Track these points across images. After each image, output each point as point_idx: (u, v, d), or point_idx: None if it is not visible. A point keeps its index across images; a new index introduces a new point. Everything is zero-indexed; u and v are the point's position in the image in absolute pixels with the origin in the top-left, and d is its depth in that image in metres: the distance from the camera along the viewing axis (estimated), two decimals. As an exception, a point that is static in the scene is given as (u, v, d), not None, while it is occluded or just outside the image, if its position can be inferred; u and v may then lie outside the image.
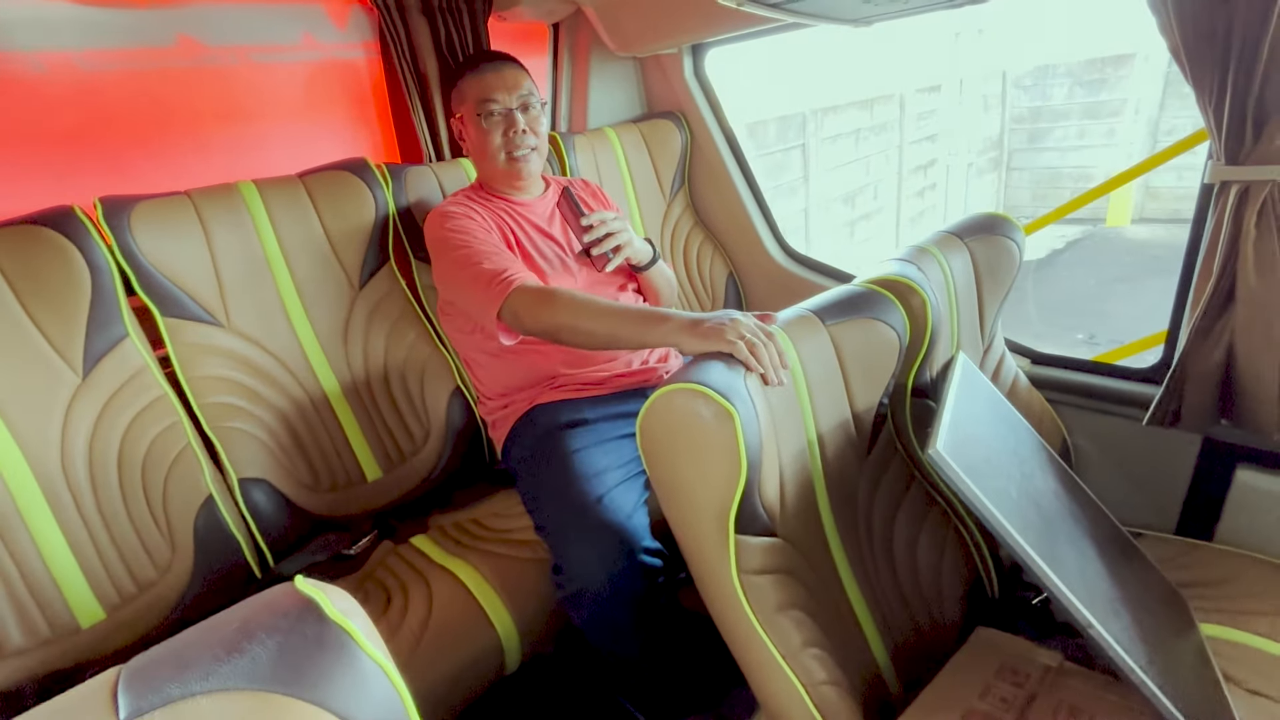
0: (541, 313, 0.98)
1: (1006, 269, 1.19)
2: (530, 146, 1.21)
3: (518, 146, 1.20)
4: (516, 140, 1.19)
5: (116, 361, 1.03)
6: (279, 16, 1.36)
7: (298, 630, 0.43)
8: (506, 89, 1.18)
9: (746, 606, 0.77)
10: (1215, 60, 0.91)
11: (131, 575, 1.01)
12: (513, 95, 1.18)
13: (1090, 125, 8.67)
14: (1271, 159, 0.92)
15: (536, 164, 1.24)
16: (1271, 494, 1.12)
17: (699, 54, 1.73)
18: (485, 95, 1.18)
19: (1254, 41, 0.87)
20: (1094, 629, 0.74)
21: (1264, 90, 0.89)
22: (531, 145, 1.21)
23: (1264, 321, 0.97)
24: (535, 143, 1.22)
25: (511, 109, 1.19)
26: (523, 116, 1.19)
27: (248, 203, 1.17)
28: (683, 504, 0.79)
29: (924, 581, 0.97)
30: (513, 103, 1.19)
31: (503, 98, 1.18)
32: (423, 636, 0.96)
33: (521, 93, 1.19)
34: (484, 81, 1.18)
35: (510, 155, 1.20)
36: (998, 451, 0.93)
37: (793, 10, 0.99)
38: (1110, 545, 1.00)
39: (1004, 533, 0.75)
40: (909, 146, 7.89)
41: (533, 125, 1.21)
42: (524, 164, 1.21)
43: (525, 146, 1.20)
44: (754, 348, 0.79)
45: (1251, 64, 0.88)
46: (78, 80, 1.17)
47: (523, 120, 1.19)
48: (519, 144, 1.19)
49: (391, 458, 1.28)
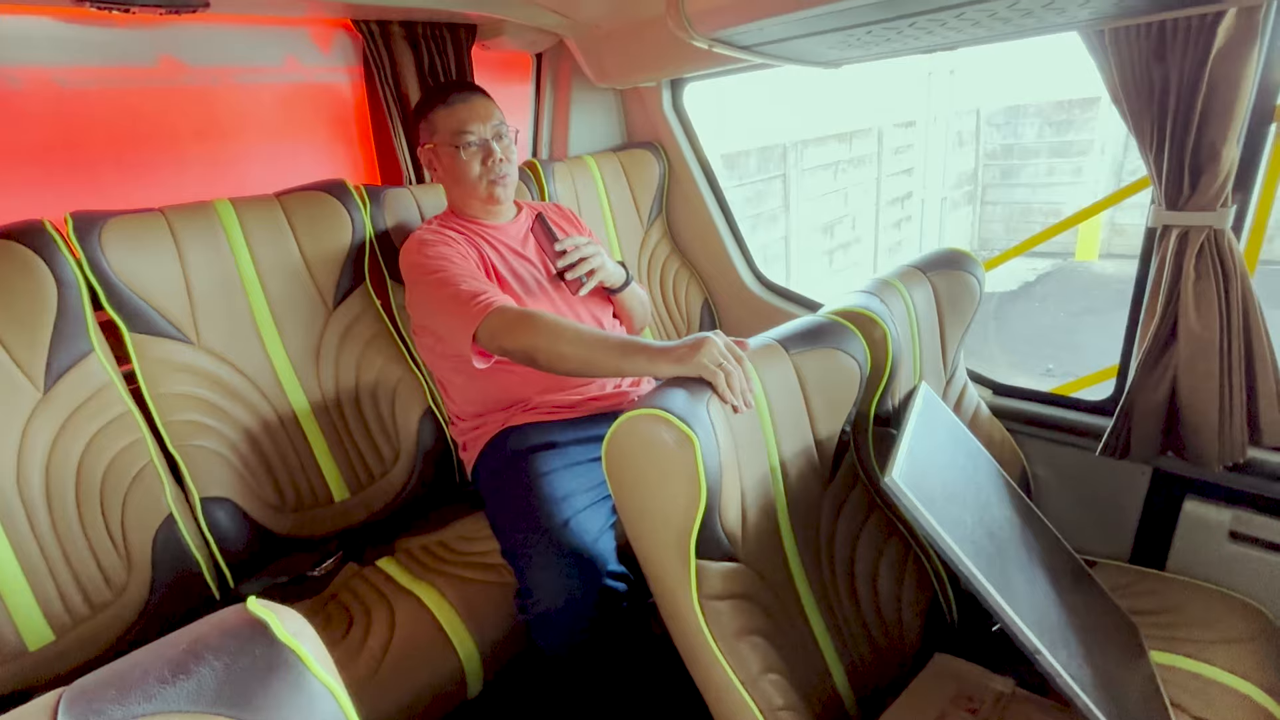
0: (519, 335, 0.99)
1: (967, 303, 1.23)
2: (507, 173, 1.25)
3: (498, 172, 1.23)
4: (496, 169, 1.22)
5: (79, 377, 1.02)
6: (263, 39, 1.38)
7: (246, 651, 0.43)
8: (480, 120, 1.22)
9: (706, 631, 0.78)
10: (1153, 111, 0.97)
11: (84, 596, 0.99)
12: (487, 125, 1.22)
13: (1059, 163, 9.01)
14: (1207, 206, 0.97)
15: (511, 190, 1.28)
16: (1217, 524, 1.16)
17: (677, 87, 1.78)
18: (461, 127, 1.21)
19: (1188, 96, 0.93)
20: (1042, 656, 0.76)
21: (1199, 142, 0.95)
22: (508, 172, 1.25)
23: (1203, 359, 1.02)
24: (510, 170, 1.26)
25: (487, 139, 1.22)
26: (498, 145, 1.23)
27: (223, 221, 1.18)
28: (645, 528, 0.80)
29: (884, 607, 0.99)
30: (487, 133, 1.22)
31: (478, 128, 1.21)
32: (383, 660, 0.94)
33: (494, 123, 1.23)
34: (457, 114, 1.21)
35: (492, 181, 1.24)
36: (955, 480, 0.96)
37: (763, 53, 1.04)
38: (1064, 573, 1.03)
39: (956, 560, 0.77)
40: (886, 179, 8.12)
41: (507, 153, 1.25)
42: (501, 189, 1.25)
43: (503, 173, 1.24)
44: (729, 376, 0.81)
45: (1187, 117, 0.94)
46: (54, 96, 1.17)
47: (499, 149, 1.23)
48: (499, 172, 1.23)
49: (360, 478, 1.28)
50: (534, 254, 1.29)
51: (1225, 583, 1.15)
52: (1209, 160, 0.95)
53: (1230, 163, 0.95)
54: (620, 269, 1.31)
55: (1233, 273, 0.99)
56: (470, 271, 1.13)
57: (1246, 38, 0.89)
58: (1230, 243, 0.99)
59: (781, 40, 0.95)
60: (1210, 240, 0.99)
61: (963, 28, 0.86)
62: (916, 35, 0.90)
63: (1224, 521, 1.15)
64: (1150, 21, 0.92)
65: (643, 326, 1.44)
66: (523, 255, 1.27)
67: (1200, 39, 0.89)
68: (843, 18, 0.80)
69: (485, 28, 1.54)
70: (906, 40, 0.93)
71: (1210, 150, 0.95)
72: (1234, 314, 1.00)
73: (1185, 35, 0.90)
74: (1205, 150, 0.95)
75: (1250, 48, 0.89)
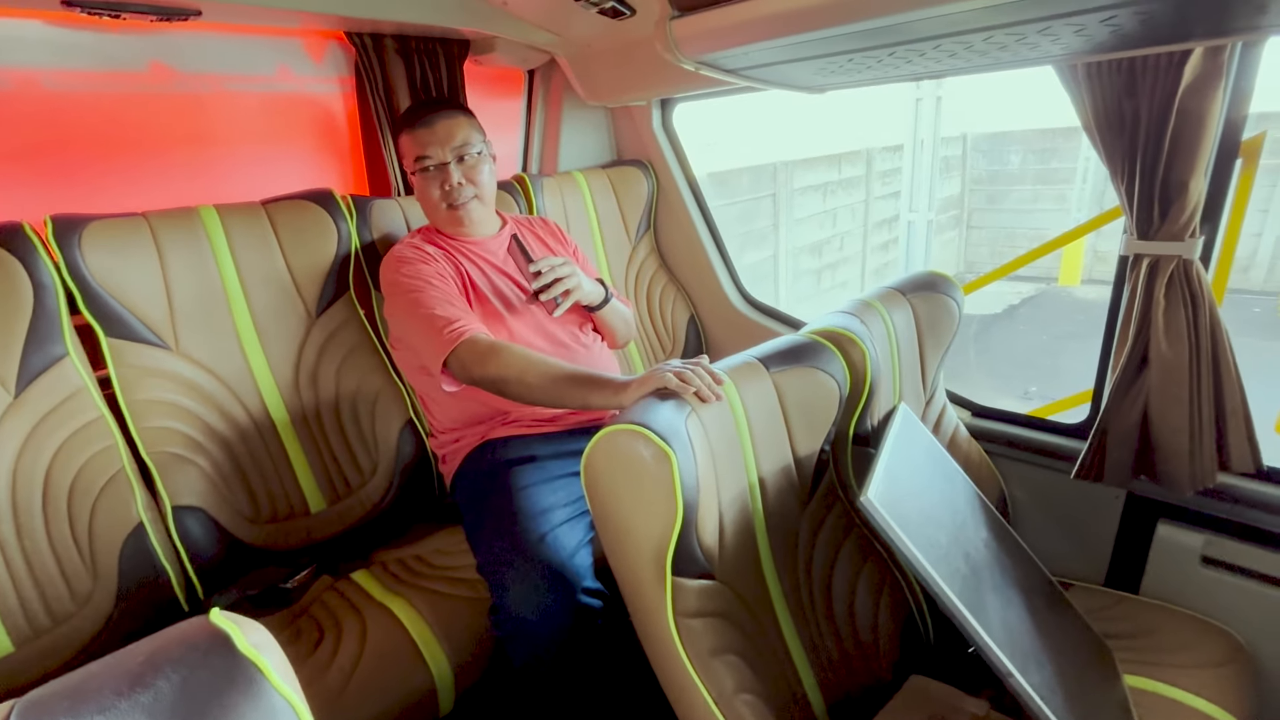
0: (488, 366, 1.00)
1: (946, 325, 1.25)
2: (470, 195, 1.22)
3: (455, 197, 1.21)
4: (453, 193, 1.21)
5: (53, 381, 1.00)
6: (256, 48, 1.38)
7: (206, 664, 0.42)
8: (439, 143, 1.19)
9: (681, 650, 0.77)
10: (1124, 144, 1.00)
11: (46, 606, 0.96)
12: (445, 148, 1.19)
13: (1043, 190, 9.20)
14: (1176, 236, 1.00)
15: (479, 210, 1.25)
16: (1189, 548, 1.17)
17: (667, 107, 1.81)
18: (419, 152, 1.20)
19: (1158, 130, 0.96)
20: (1014, 678, 0.76)
21: (1168, 175, 0.98)
22: (471, 194, 1.22)
23: (1174, 385, 1.04)
24: (475, 191, 1.23)
25: (446, 162, 1.20)
26: (458, 168, 1.20)
27: (207, 227, 1.17)
28: (622, 544, 0.80)
29: (861, 627, 0.99)
30: (446, 156, 1.20)
31: (436, 152, 1.19)
32: (353, 675, 0.93)
33: (454, 144, 1.20)
34: (417, 138, 1.21)
35: (450, 205, 1.22)
36: (931, 501, 0.96)
37: (748, 76, 1.06)
38: (1039, 596, 1.04)
39: (930, 580, 0.78)
40: (874, 202, 8.24)
41: (470, 174, 1.22)
42: (463, 212, 1.22)
43: (464, 196, 1.22)
44: (684, 376, 0.83)
45: (1156, 150, 0.97)
46: (41, 98, 1.17)
47: (457, 172, 1.20)
48: (456, 195, 1.21)
49: (337, 489, 1.26)
50: (515, 270, 1.29)
51: (1198, 607, 1.16)
52: (1177, 192, 0.98)
53: (1198, 195, 0.98)
54: (598, 287, 1.30)
55: (1201, 301, 1.02)
56: (445, 295, 1.12)
57: (1212, 76, 0.92)
58: (1199, 272, 1.02)
59: (766, 65, 0.97)
60: (1180, 269, 1.02)
61: (940, 58, 0.88)
62: (896, 64, 0.92)
63: (1196, 546, 1.17)
64: (1121, 58, 0.95)
65: (626, 341, 1.44)
66: (504, 271, 1.27)
67: (1168, 76, 0.93)
68: (823, 45, 0.82)
69: (478, 44, 1.56)
70: (886, 68, 0.96)
71: (1179, 183, 0.98)
72: (1203, 341, 1.02)
73: (1154, 72, 0.93)
74: (1174, 183, 0.98)
75: (1216, 85, 0.92)
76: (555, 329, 1.28)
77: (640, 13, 1.26)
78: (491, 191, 1.28)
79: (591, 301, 1.28)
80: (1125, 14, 0.67)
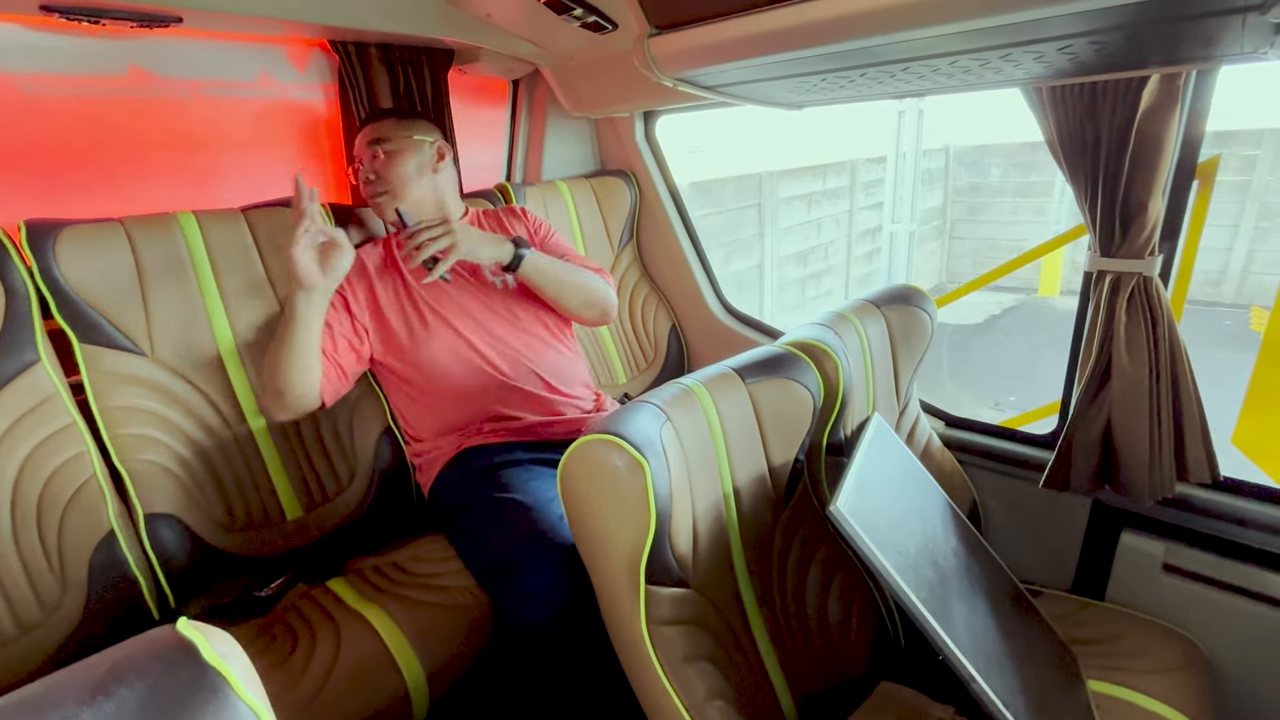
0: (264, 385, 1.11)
1: (919, 337, 1.28)
2: (380, 192, 1.24)
3: (368, 191, 1.25)
4: (364, 188, 1.26)
5: (24, 387, 0.99)
6: (237, 54, 1.38)
7: (170, 673, 0.42)
8: (364, 141, 1.26)
9: (653, 657, 0.78)
10: (1087, 164, 1.03)
11: (13, 615, 0.95)
12: (364, 145, 1.25)
13: (1022, 202, 9.38)
14: (1136, 254, 1.04)
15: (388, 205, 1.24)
16: (1151, 556, 1.20)
17: (650, 118, 1.83)
18: (354, 152, 1.29)
19: (1118, 152, 1.00)
20: (976, 683, 0.78)
21: (1127, 195, 1.02)
22: (381, 191, 1.23)
23: (1134, 397, 1.07)
24: (385, 187, 1.23)
25: (363, 157, 1.26)
26: (370, 164, 1.24)
27: (185, 233, 1.17)
28: (597, 553, 0.81)
29: (833, 634, 1.01)
30: (363, 154, 1.25)
31: (358, 149, 1.27)
32: (326, 684, 0.92)
33: (369, 140, 1.25)
34: (356, 141, 1.29)
35: (368, 196, 1.26)
36: (902, 509, 0.99)
37: (726, 93, 1.08)
38: (1007, 603, 1.06)
39: (896, 587, 0.80)
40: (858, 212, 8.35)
41: (381, 169, 1.23)
42: (382, 207, 1.25)
43: (372, 192, 1.25)
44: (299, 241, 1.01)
45: (1116, 171, 1.01)
46: (16, 102, 1.16)
47: (369, 167, 1.24)
48: (368, 191, 1.25)
49: (314, 496, 1.26)
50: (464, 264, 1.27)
51: (1160, 613, 1.19)
52: (1137, 211, 1.01)
53: (1156, 215, 1.02)
54: (503, 243, 1.20)
55: (1160, 317, 1.05)
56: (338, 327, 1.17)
57: (1168, 101, 0.96)
58: (1158, 289, 1.05)
59: (742, 83, 0.99)
60: (1140, 286, 1.05)
61: (910, 80, 0.91)
62: (868, 84, 0.95)
63: (1158, 554, 1.20)
64: (1082, 83, 0.98)
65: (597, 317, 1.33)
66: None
67: (1127, 100, 0.96)
68: (796, 66, 0.85)
69: (462, 53, 1.57)
70: (860, 88, 0.99)
71: (1138, 203, 1.01)
72: (1162, 356, 1.06)
73: (1114, 96, 0.97)
74: (1134, 202, 1.01)
75: (1172, 110, 0.96)
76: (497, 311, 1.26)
77: (622, 28, 1.28)
78: (420, 188, 1.26)
79: (498, 260, 1.20)
80: (1081, 43, 0.70)
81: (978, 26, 0.65)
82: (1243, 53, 0.72)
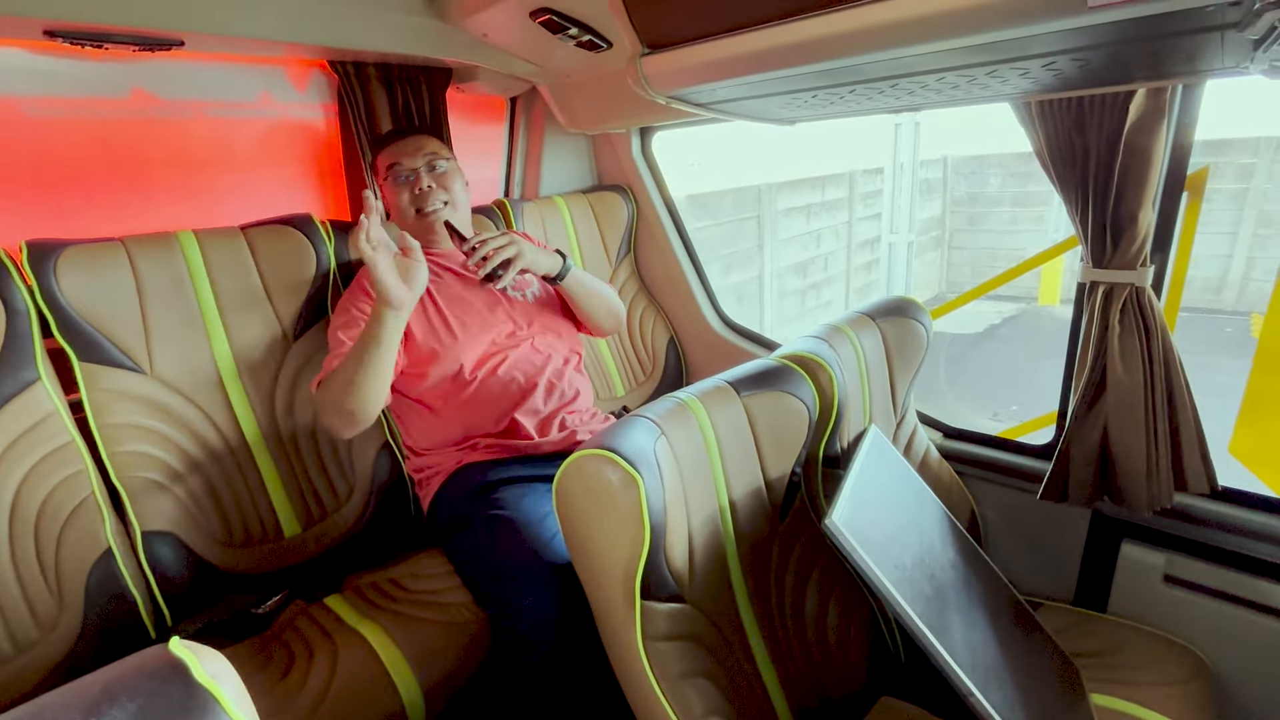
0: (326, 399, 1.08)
1: (915, 348, 1.28)
2: (441, 201, 1.26)
3: (425, 203, 1.25)
4: (423, 197, 1.25)
5: (23, 405, 1.00)
6: (238, 75, 1.40)
7: (162, 693, 0.42)
8: (409, 153, 1.27)
9: (650, 673, 0.78)
10: (1076, 177, 1.04)
11: (10, 634, 0.95)
12: (417, 157, 1.27)
13: (1021, 212, 9.42)
14: (1128, 265, 1.04)
15: (449, 217, 1.26)
16: (1152, 567, 1.20)
17: (646, 135, 1.85)
18: (391, 161, 1.27)
19: (1107, 165, 1.01)
20: (974, 697, 0.78)
21: (1118, 207, 1.02)
22: (443, 200, 1.26)
23: (1130, 408, 1.07)
24: (446, 197, 1.27)
25: (417, 168, 1.26)
26: (428, 174, 1.26)
27: (185, 251, 1.18)
28: (592, 568, 0.81)
29: (832, 648, 1.00)
30: (417, 163, 1.26)
31: (406, 160, 1.26)
32: (322, 702, 0.92)
33: (425, 153, 1.27)
34: (390, 150, 1.29)
35: (419, 211, 1.26)
36: (899, 522, 0.98)
37: (719, 110, 1.10)
38: (1006, 616, 1.06)
39: (892, 601, 0.79)
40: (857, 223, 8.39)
41: (441, 181, 1.27)
42: (434, 219, 1.26)
43: (435, 202, 1.26)
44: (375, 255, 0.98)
45: (1106, 183, 1.01)
46: (20, 124, 1.18)
47: (427, 178, 1.26)
48: (426, 200, 1.25)
49: (312, 513, 1.26)
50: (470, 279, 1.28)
51: (1162, 625, 1.19)
52: (1128, 223, 1.02)
53: (1147, 226, 1.03)
54: (555, 257, 1.27)
55: (1154, 328, 1.05)
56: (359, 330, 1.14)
57: (1156, 114, 0.97)
58: (1150, 299, 1.06)
59: (734, 100, 1.00)
60: (1132, 297, 1.06)
61: (899, 95, 0.92)
62: (858, 100, 0.96)
63: (1158, 565, 1.19)
64: (1069, 97, 0.99)
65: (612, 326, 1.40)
66: (463, 276, 1.29)
67: (1114, 114, 0.97)
68: (786, 83, 0.86)
69: (460, 72, 1.60)
70: (850, 104, 1.00)
71: (1128, 214, 1.02)
72: (1156, 367, 1.06)
73: (1101, 110, 0.98)
74: (1124, 214, 1.02)
75: (1160, 123, 0.97)
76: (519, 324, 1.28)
77: (616, 46, 1.30)
78: (464, 206, 1.31)
79: (549, 270, 1.27)
80: (1064, 60, 0.71)
81: (962, 45, 0.66)
82: (1224, 67, 0.74)
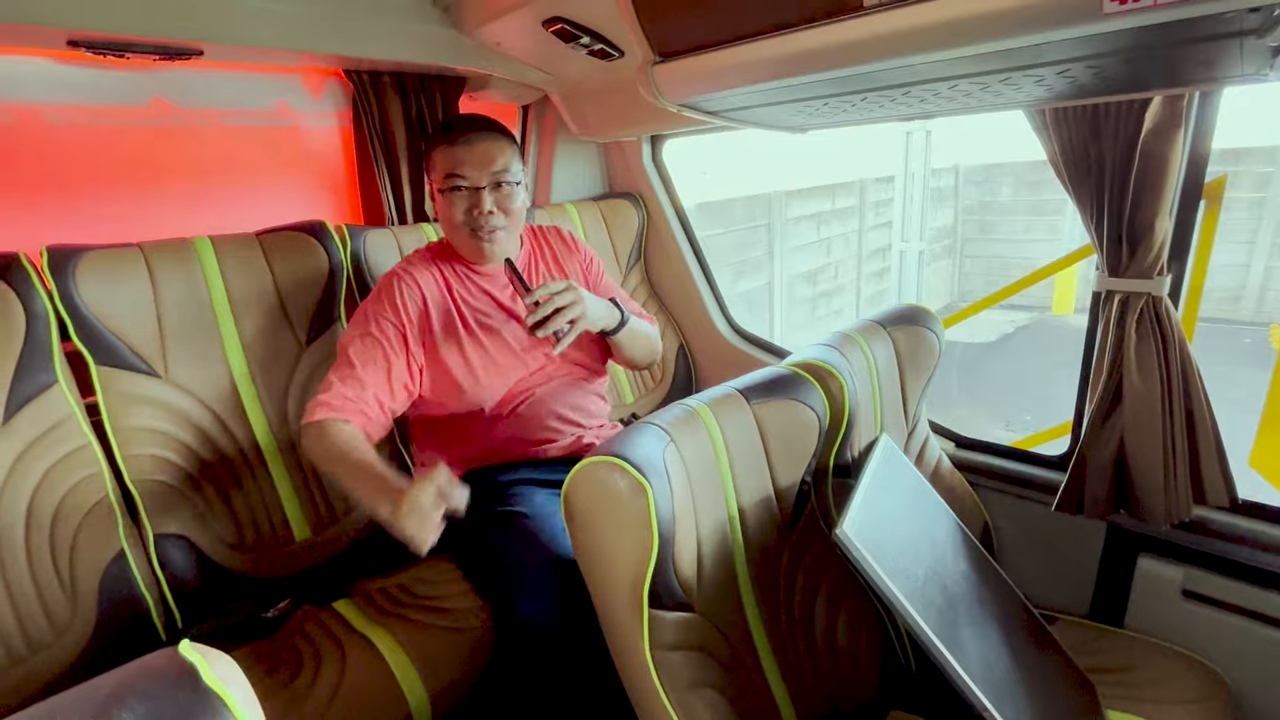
0: (311, 446, 1.00)
1: (927, 357, 1.27)
2: (499, 225, 1.13)
3: (481, 227, 1.12)
4: (481, 220, 1.11)
5: (41, 408, 1.01)
6: (255, 84, 1.43)
7: (171, 697, 0.43)
8: (475, 165, 1.10)
9: (658, 684, 0.77)
10: (1091, 185, 1.03)
11: (24, 635, 0.96)
12: (483, 173, 1.10)
13: (1034, 220, 9.35)
14: (1144, 274, 1.03)
15: (504, 241, 1.16)
16: (1170, 582, 1.17)
17: (657, 142, 1.86)
18: (452, 169, 1.10)
19: (1122, 173, 1.00)
20: (988, 712, 0.76)
21: (1134, 215, 1.01)
22: (499, 225, 1.13)
23: (1147, 419, 1.05)
24: (504, 223, 1.14)
25: (481, 187, 1.11)
26: (491, 196, 1.11)
27: (200, 257, 1.20)
28: (599, 575, 0.80)
29: (843, 659, 0.99)
30: (482, 180, 1.10)
31: (471, 174, 1.10)
32: (329, 707, 0.92)
33: (494, 169, 1.11)
34: (453, 155, 1.11)
35: (475, 231, 1.13)
36: (910, 532, 0.97)
37: (730, 118, 1.10)
38: (1020, 629, 1.04)
39: (904, 613, 0.78)
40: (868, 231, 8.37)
41: (503, 204, 1.12)
42: (489, 243, 1.14)
43: (493, 225, 1.12)
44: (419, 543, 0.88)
45: (1121, 192, 1.00)
46: (43, 132, 1.20)
47: (490, 200, 1.11)
48: (484, 224, 1.12)
49: (322, 517, 1.26)
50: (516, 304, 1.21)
51: (1180, 641, 1.16)
52: (1144, 232, 1.01)
53: (1164, 235, 1.01)
54: (611, 310, 1.17)
55: (1171, 337, 1.04)
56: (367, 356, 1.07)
57: (1172, 121, 0.96)
58: (1168, 308, 1.04)
59: (746, 108, 1.00)
60: (1149, 306, 1.04)
61: (912, 103, 0.92)
62: (870, 108, 0.96)
63: (1176, 579, 1.17)
64: (1084, 104, 0.99)
65: (649, 362, 1.33)
66: (503, 306, 1.21)
67: (1130, 121, 0.96)
68: (798, 91, 0.86)
69: (473, 81, 1.61)
70: (862, 112, 1.00)
71: (1145, 222, 1.01)
72: (1174, 377, 1.04)
73: (1117, 117, 0.97)
74: (1140, 222, 1.01)
75: (1176, 131, 0.96)
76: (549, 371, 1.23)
77: (628, 54, 1.31)
78: (516, 225, 1.19)
79: (607, 326, 1.16)
80: (1079, 68, 0.71)
81: (975, 52, 0.65)
82: (1243, 74, 0.73)
